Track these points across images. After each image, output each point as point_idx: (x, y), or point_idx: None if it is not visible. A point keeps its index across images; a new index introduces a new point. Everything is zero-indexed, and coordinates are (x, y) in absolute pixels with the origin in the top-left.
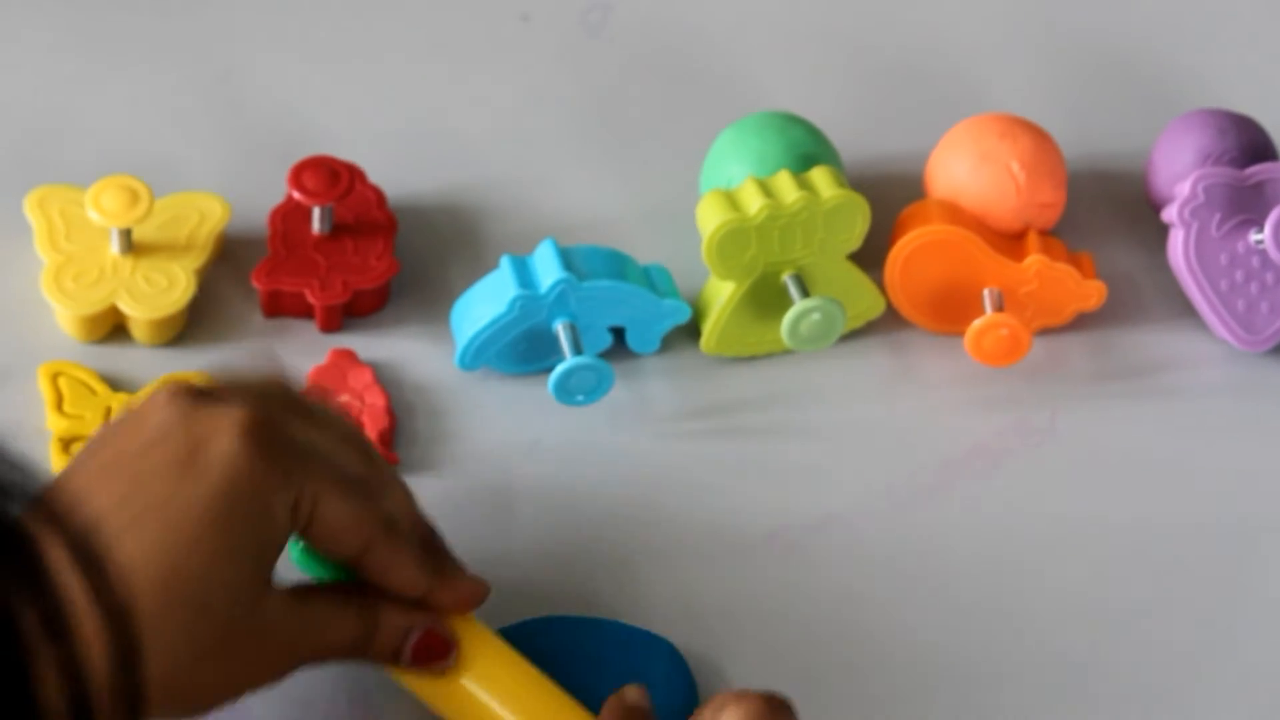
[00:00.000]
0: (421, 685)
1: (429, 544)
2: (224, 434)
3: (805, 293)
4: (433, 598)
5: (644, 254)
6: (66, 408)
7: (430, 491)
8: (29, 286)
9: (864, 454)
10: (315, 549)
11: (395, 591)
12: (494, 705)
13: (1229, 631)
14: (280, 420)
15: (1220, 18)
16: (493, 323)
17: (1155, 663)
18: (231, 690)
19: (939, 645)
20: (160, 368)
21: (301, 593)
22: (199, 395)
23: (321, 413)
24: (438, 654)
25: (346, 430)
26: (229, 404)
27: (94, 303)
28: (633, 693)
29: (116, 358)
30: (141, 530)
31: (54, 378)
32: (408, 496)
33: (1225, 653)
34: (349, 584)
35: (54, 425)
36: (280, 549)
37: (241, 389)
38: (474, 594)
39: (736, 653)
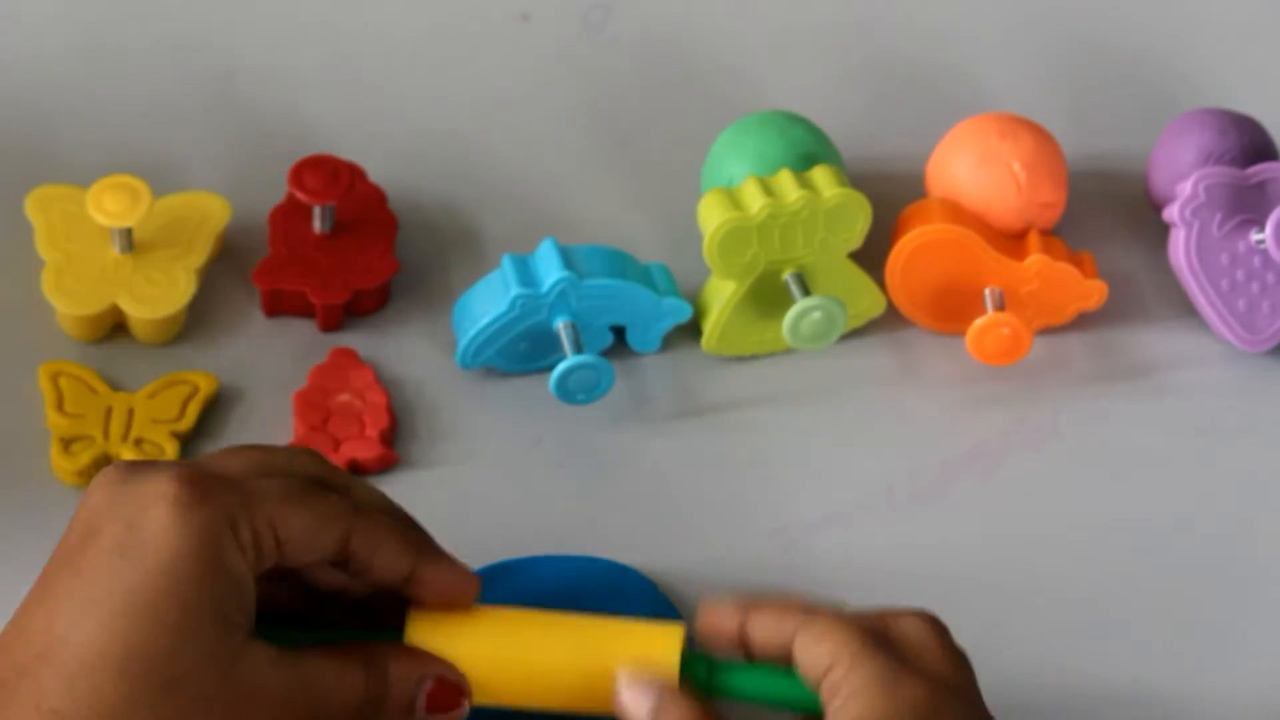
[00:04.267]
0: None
1: (411, 527)
2: (153, 508)
3: (806, 291)
4: (422, 575)
5: (644, 253)
6: (67, 407)
7: (430, 491)
8: (29, 286)
9: (865, 453)
10: (294, 561)
11: (382, 577)
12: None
13: (1229, 631)
14: (209, 465)
15: (1220, 18)
16: (493, 321)
17: (1155, 662)
18: None
19: None
20: (161, 367)
21: (297, 650)
22: (129, 470)
23: (267, 446)
24: (451, 703)
25: (295, 450)
26: (156, 473)
27: (94, 303)
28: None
29: (117, 357)
30: (92, 622)
31: (54, 377)
32: (377, 491)
33: (1226, 652)
34: (350, 640)
35: (54, 425)
36: (250, 595)
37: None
38: (468, 581)
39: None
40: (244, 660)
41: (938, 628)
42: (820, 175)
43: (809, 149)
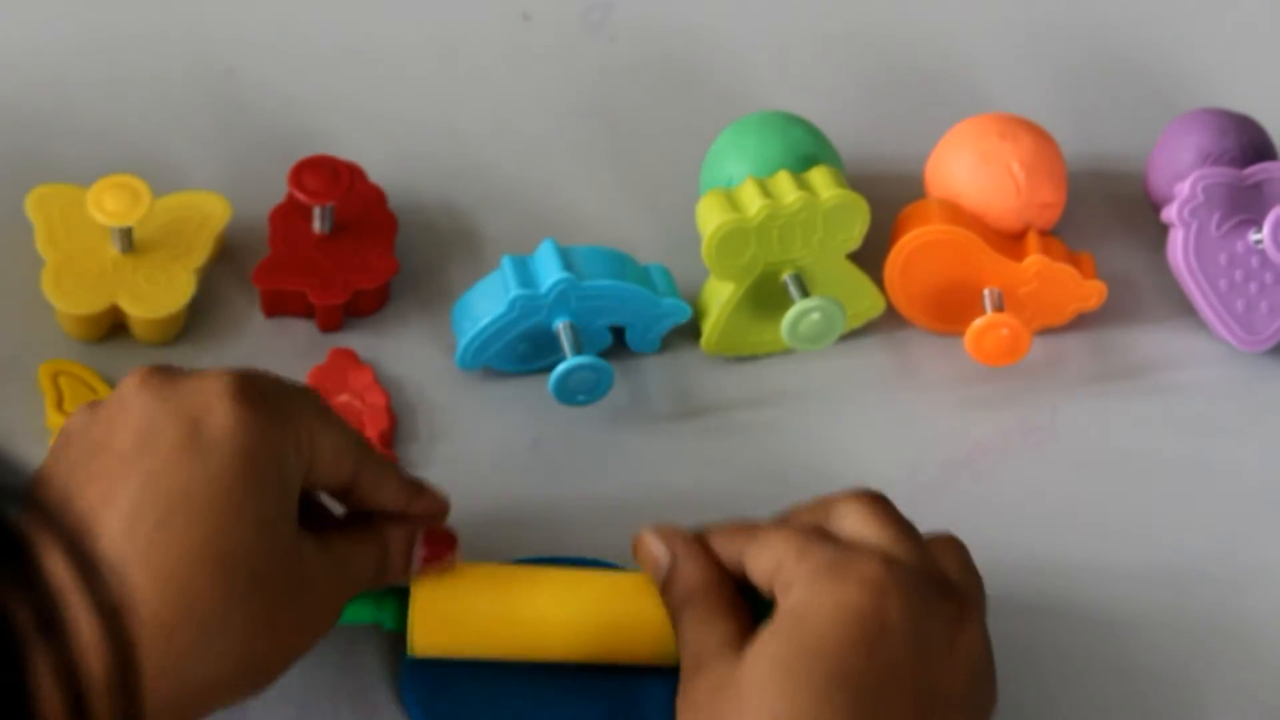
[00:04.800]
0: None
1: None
2: (216, 404)
3: (805, 292)
4: (414, 506)
5: (644, 254)
6: (67, 406)
7: None
8: (29, 286)
9: (864, 454)
10: (314, 481)
11: (381, 507)
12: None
13: (1229, 631)
14: (259, 374)
15: (1220, 18)
16: (493, 322)
17: (1155, 661)
18: (295, 652)
19: None
20: None
21: (323, 535)
22: (172, 373)
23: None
24: (446, 547)
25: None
26: (208, 374)
27: (94, 302)
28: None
29: (117, 357)
30: (177, 526)
31: (54, 377)
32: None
33: (1225, 652)
34: (348, 518)
35: (54, 424)
36: (298, 492)
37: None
38: (444, 500)
39: None
40: (303, 552)
41: (878, 506)
42: (818, 176)
43: (808, 150)
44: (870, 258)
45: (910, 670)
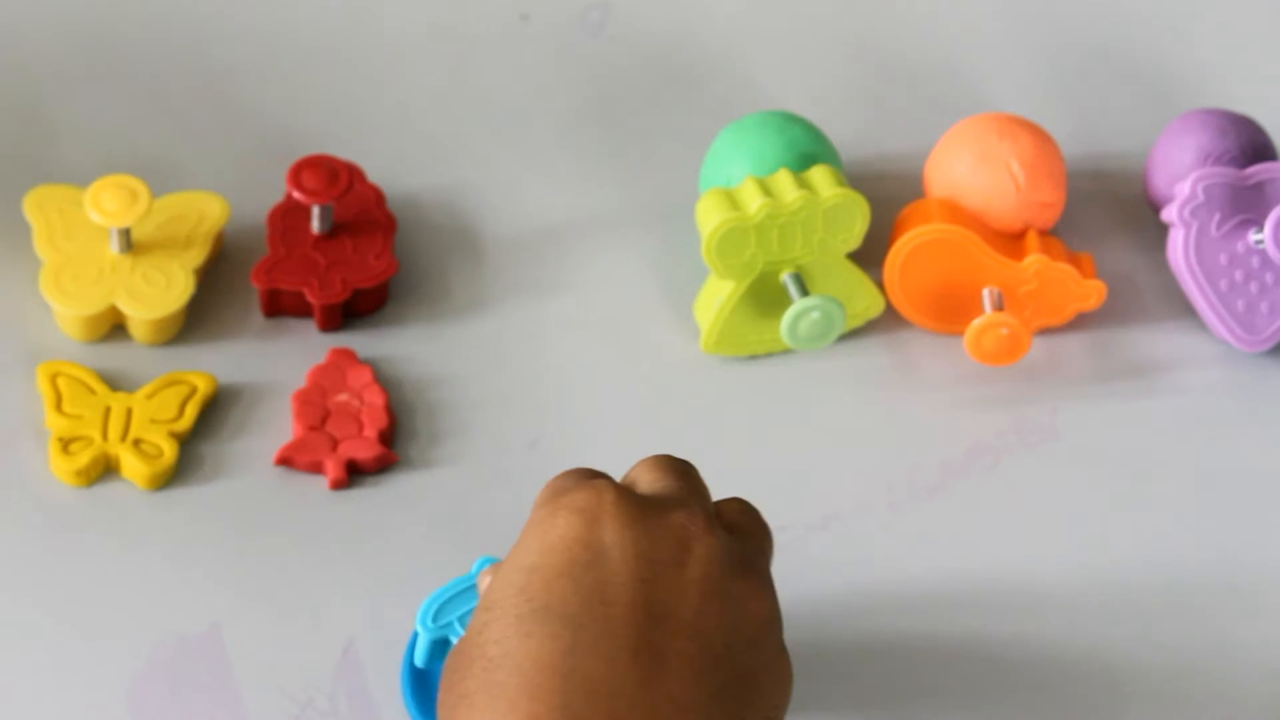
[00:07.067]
0: None
1: None
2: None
3: (805, 292)
4: None
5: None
6: (66, 407)
7: (429, 491)
8: (28, 286)
9: (864, 454)
10: None
11: None
12: None
13: (1229, 632)
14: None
15: (1220, 18)
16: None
17: (1154, 662)
18: None
19: (938, 645)
20: (160, 367)
21: None
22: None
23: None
24: None
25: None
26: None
27: (93, 302)
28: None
29: (116, 357)
30: None
31: (53, 377)
32: None
33: (1225, 653)
34: None
35: (53, 425)
36: None
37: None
38: None
39: None
40: None
41: (657, 458)
42: (818, 175)
43: (807, 149)
44: (870, 257)
45: (627, 589)
